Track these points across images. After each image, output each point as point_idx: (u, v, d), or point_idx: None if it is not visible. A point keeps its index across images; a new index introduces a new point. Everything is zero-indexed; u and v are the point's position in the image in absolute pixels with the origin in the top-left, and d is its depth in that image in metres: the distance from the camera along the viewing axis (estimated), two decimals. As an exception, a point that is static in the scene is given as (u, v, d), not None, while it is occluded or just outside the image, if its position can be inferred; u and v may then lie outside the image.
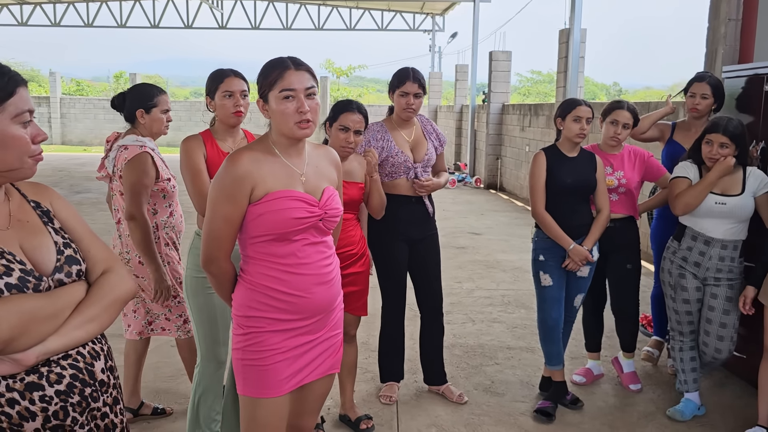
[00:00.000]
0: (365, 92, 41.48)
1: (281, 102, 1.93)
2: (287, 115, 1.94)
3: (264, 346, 2.00)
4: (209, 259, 2.01)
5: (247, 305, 2.01)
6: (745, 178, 3.27)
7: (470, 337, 4.68)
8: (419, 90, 3.27)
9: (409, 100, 3.28)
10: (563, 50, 10.44)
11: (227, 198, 1.93)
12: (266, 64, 2.00)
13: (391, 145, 3.33)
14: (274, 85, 1.94)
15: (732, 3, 5.69)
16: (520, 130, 12.50)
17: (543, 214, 3.41)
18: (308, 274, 2.02)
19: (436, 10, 22.96)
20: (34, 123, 1.55)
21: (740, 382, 3.89)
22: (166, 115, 3.29)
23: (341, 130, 2.96)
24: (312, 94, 1.96)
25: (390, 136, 3.35)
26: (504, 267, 6.74)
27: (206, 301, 2.73)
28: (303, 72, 1.96)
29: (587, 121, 3.37)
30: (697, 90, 3.82)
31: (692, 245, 3.34)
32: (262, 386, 2.02)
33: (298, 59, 2.00)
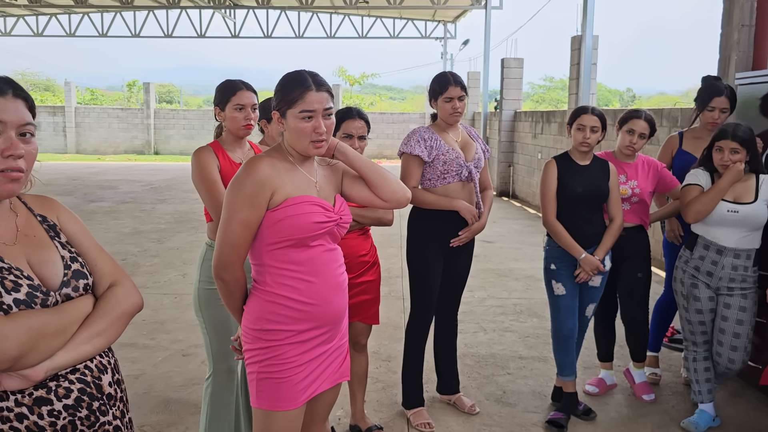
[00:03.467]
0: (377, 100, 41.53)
1: (300, 121, 1.96)
2: (304, 135, 1.97)
3: (283, 359, 2.00)
4: (223, 265, 1.98)
5: (265, 318, 2.00)
6: (758, 186, 3.23)
7: (482, 346, 4.65)
8: (462, 92, 3.27)
9: (455, 104, 3.27)
10: (575, 57, 10.41)
11: (247, 202, 1.94)
12: (287, 79, 2.01)
13: (441, 143, 3.28)
14: (294, 103, 1.96)
15: (745, 9, 5.65)
16: (533, 138, 12.46)
17: (554, 223, 3.39)
18: (325, 282, 2.04)
19: (447, 17, 23.00)
20: (9, 135, 1.43)
21: (756, 393, 3.83)
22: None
23: (345, 137, 2.99)
24: (329, 114, 1.99)
25: (438, 137, 3.31)
26: (516, 275, 6.71)
27: (220, 314, 2.73)
28: (323, 92, 1.98)
29: (592, 130, 3.33)
30: (718, 104, 3.75)
31: (705, 254, 3.30)
32: (278, 399, 2.02)
33: (318, 77, 2.00)
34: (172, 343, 4.64)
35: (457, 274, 3.50)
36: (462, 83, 3.30)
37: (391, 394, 3.82)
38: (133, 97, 32.80)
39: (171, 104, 39.60)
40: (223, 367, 2.82)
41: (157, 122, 26.01)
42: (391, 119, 25.75)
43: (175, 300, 5.69)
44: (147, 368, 4.16)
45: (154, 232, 8.96)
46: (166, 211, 10.89)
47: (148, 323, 5.01)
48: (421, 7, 20.23)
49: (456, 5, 19.56)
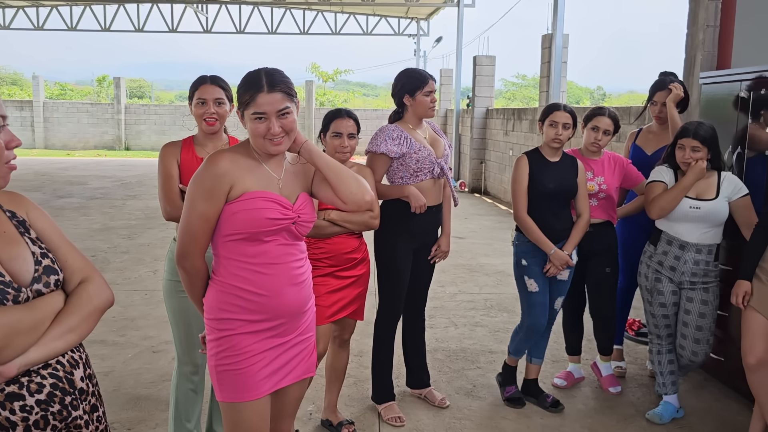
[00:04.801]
0: (351, 96, 41.47)
1: (253, 122, 1.98)
2: (258, 135, 2.00)
3: (237, 350, 2.02)
4: (183, 254, 2.03)
5: (218, 307, 2.04)
6: (719, 183, 3.32)
7: (452, 341, 4.70)
8: (435, 88, 3.37)
9: (433, 98, 3.35)
10: (546, 55, 10.53)
11: (205, 195, 1.97)
12: (243, 79, 2.02)
13: (412, 142, 3.31)
14: (247, 105, 1.98)
15: (710, 10, 5.77)
16: (504, 135, 12.57)
17: (525, 218, 3.44)
18: (278, 275, 2.05)
19: (420, 14, 23.05)
20: (7, 129, 1.53)
21: (718, 385, 3.94)
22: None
23: (335, 136, 3.04)
24: (285, 113, 1.98)
25: (408, 135, 3.34)
26: (487, 271, 6.78)
27: (180, 304, 2.78)
28: (276, 93, 1.96)
29: (564, 126, 3.39)
30: (659, 99, 3.90)
31: (668, 249, 3.38)
32: (240, 390, 2.03)
33: (275, 77, 1.98)
34: (142, 339, 4.60)
35: (425, 268, 3.53)
36: (434, 79, 3.38)
37: (362, 388, 3.85)
38: (103, 92, 32.27)
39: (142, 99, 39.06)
40: (187, 358, 2.84)
41: (128, 117, 25.64)
42: (364, 116, 25.70)
43: (146, 296, 5.64)
44: (116, 365, 4.13)
45: (124, 229, 8.86)
46: (136, 207, 10.77)
47: (118, 320, 4.96)
48: (394, 4, 20.25)
49: (429, 2, 19.61)
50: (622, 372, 4.11)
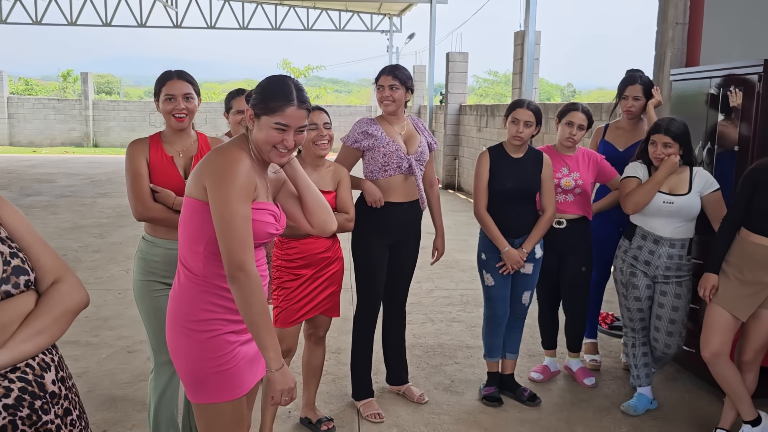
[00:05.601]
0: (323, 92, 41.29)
1: (272, 130, 1.95)
2: (270, 143, 1.96)
3: (222, 351, 1.98)
4: (240, 265, 1.87)
5: (200, 308, 1.97)
6: (691, 178, 3.38)
7: (430, 336, 4.72)
8: (394, 81, 3.28)
9: (384, 92, 3.30)
10: (518, 52, 10.60)
11: (245, 196, 1.90)
12: (273, 85, 1.98)
13: (382, 135, 3.31)
14: (273, 112, 1.94)
15: (679, 7, 5.87)
16: (477, 131, 12.64)
17: (483, 214, 3.48)
18: None
19: (393, 11, 23.03)
20: None
21: (690, 376, 4.02)
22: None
23: (311, 128, 3.01)
24: (301, 131, 1.99)
25: (380, 128, 3.34)
26: (463, 267, 6.81)
27: (153, 305, 2.73)
28: (303, 110, 1.97)
29: (525, 124, 3.40)
30: (630, 93, 3.97)
31: (642, 244, 3.43)
32: (225, 389, 2.00)
33: (303, 94, 1.98)
34: (116, 339, 4.54)
35: (404, 265, 3.53)
36: (395, 73, 3.30)
37: (341, 385, 3.85)
38: (68, 88, 31.65)
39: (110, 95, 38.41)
40: (163, 359, 2.77)
41: (97, 114, 25.19)
42: (337, 112, 25.63)
43: (119, 296, 5.56)
44: (91, 366, 4.07)
45: (95, 227, 8.72)
46: (107, 205, 10.60)
47: (91, 320, 4.88)
48: (367, 0, 20.21)
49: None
50: (597, 365, 4.17)
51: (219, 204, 1.88)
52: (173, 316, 2.02)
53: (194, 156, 2.80)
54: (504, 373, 3.74)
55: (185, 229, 2.01)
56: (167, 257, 2.71)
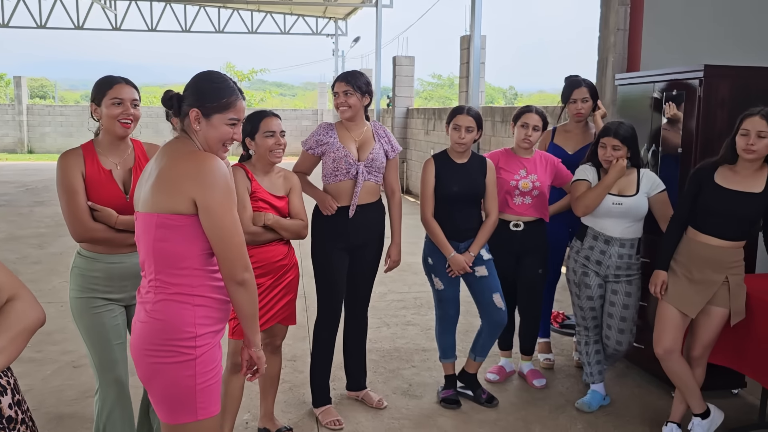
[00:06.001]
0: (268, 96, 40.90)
1: (225, 126, 1.99)
2: (223, 140, 2.01)
3: (213, 363, 1.98)
4: (246, 266, 1.95)
5: (196, 324, 1.93)
6: (639, 180, 3.47)
7: (386, 341, 4.71)
8: (347, 87, 3.30)
9: (339, 98, 3.33)
10: (465, 56, 10.74)
11: (235, 200, 1.96)
12: (213, 81, 2.02)
13: (334, 140, 3.33)
14: (225, 108, 1.99)
15: (620, 14, 6.05)
16: (425, 134, 12.73)
17: (429, 220, 3.52)
18: None
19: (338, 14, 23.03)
20: None
21: (640, 372, 4.13)
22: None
23: (268, 136, 2.97)
24: (242, 123, 2.09)
25: (335, 133, 3.36)
26: (415, 270, 6.82)
27: (94, 322, 2.60)
28: (244, 102, 2.07)
29: (467, 130, 3.45)
30: (578, 96, 4.06)
31: (594, 244, 3.51)
32: (214, 402, 2.00)
33: (239, 86, 2.07)
34: (61, 354, 4.37)
35: (363, 268, 3.52)
36: (348, 79, 3.32)
37: (299, 393, 3.80)
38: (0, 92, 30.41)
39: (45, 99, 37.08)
40: (109, 377, 2.64)
41: (31, 119, 24.27)
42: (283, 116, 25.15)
43: (62, 309, 5.35)
44: (35, 383, 3.90)
45: (33, 237, 8.38)
46: (45, 215, 10.20)
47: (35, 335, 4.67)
48: (311, 4, 20.15)
49: (347, 2, 19.63)
50: (551, 364, 4.24)
51: (218, 213, 1.88)
52: (151, 340, 1.93)
53: (132, 168, 2.64)
54: (468, 371, 3.75)
55: (163, 249, 1.92)
56: (108, 272, 2.59)
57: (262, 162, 3.02)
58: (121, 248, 2.59)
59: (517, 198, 3.70)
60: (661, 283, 3.15)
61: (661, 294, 3.16)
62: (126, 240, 2.55)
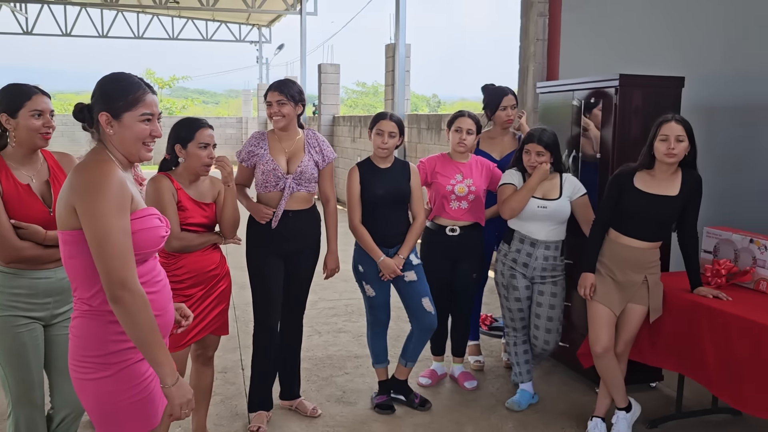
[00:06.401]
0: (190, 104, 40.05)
1: (139, 123, 1.90)
2: (141, 138, 1.92)
3: (137, 379, 1.88)
4: (122, 282, 1.75)
5: (109, 340, 1.84)
6: (561, 184, 3.61)
7: (318, 349, 4.69)
8: (281, 97, 3.27)
9: (272, 108, 3.30)
10: (390, 64, 10.86)
11: (120, 208, 1.78)
12: (121, 80, 1.93)
13: (264, 152, 3.31)
14: (135, 105, 1.89)
15: (539, 25, 6.29)
16: (352, 141, 12.78)
17: (357, 226, 3.55)
18: (163, 291, 1.98)
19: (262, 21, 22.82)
20: None
21: (566, 369, 4.28)
22: None
23: (202, 147, 2.91)
24: (160, 119, 1.99)
25: (266, 144, 3.34)
26: (345, 277, 6.77)
27: (15, 341, 2.46)
28: (155, 96, 1.99)
29: (389, 135, 3.50)
30: (507, 102, 4.22)
31: (520, 247, 3.62)
32: (150, 416, 1.91)
33: (146, 81, 1.98)
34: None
35: (299, 277, 3.50)
36: (281, 89, 3.30)
37: (230, 405, 3.73)
38: None
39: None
40: (24, 400, 2.51)
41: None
42: (207, 124, 24.94)
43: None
44: (-56, 407, 3.65)
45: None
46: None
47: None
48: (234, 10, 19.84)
49: (270, 9, 19.47)
50: (481, 366, 4.33)
51: (91, 221, 1.75)
52: (78, 355, 1.86)
53: (48, 179, 2.54)
54: (399, 378, 3.78)
55: (74, 266, 1.84)
56: (33, 288, 2.47)
57: (190, 171, 2.95)
58: (47, 263, 2.48)
59: (453, 203, 3.77)
60: (590, 285, 3.26)
61: (590, 295, 3.28)
62: (54, 255, 2.45)
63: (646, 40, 4.95)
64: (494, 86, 4.33)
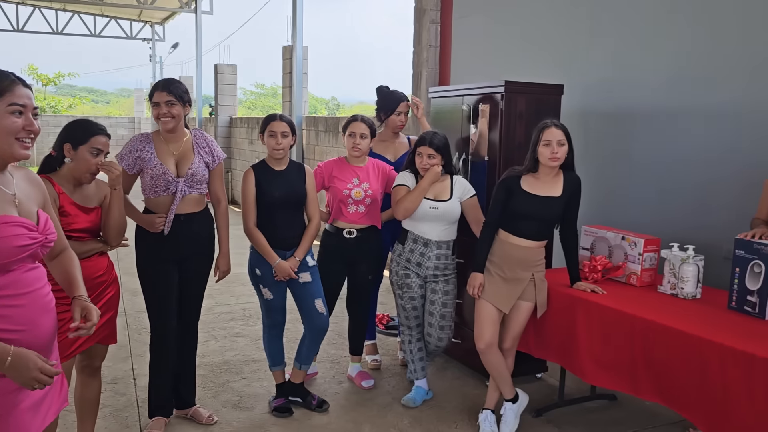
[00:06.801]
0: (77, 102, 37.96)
1: (9, 116, 1.79)
2: (12, 132, 1.80)
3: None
4: None
5: None
6: (452, 186, 3.74)
7: (214, 354, 4.61)
8: (170, 98, 3.15)
9: (161, 109, 3.16)
10: (287, 66, 10.80)
11: None
12: None
13: (151, 156, 3.17)
14: (1, 96, 1.78)
15: (431, 31, 6.47)
16: (249, 143, 12.60)
17: (252, 230, 3.54)
18: (31, 304, 1.84)
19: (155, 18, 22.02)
20: None
21: (458, 365, 4.43)
22: None
23: (94, 153, 2.78)
24: (36, 114, 1.87)
25: (152, 148, 3.20)
26: (243, 280, 6.71)
27: None
28: (29, 90, 1.86)
29: (282, 135, 3.51)
30: (403, 108, 4.33)
31: (414, 247, 3.72)
32: None
33: (17, 75, 1.85)
34: None
35: (193, 282, 3.42)
36: (170, 88, 3.18)
37: (121, 418, 3.60)
38: None
39: None
40: None
41: None
42: (95, 124, 23.77)
43: None
44: None
45: None
46: None
47: None
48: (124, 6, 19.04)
49: (164, 7, 18.83)
50: (378, 364, 4.41)
51: None
52: None
53: None
54: (294, 381, 3.78)
55: None
56: None
57: (75, 175, 2.81)
58: None
59: (351, 207, 3.81)
60: (479, 285, 3.40)
61: (479, 294, 3.42)
62: None
63: (531, 49, 5.21)
64: (389, 89, 4.41)
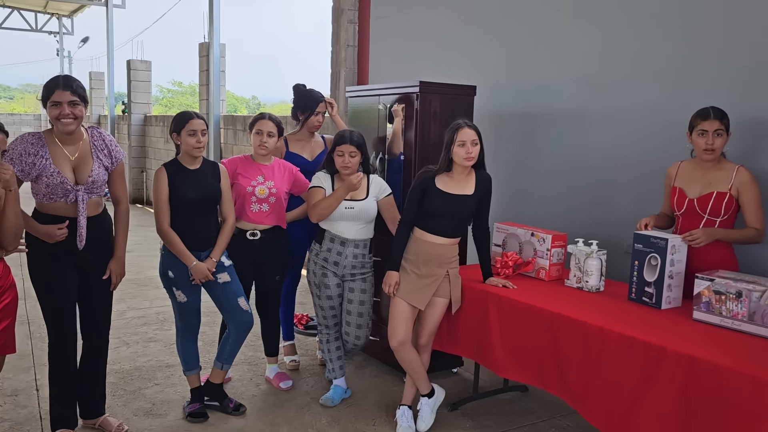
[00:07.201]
0: (-23, 98, 35.75)
1: None
2: None
3: None
4: None
5: None
6: (369, 185, 3.76)
7: (125, 361, 4.44)
8: (73, 97, 2.92)
9: (63, 109, 2.92)
10: (204, 63, 10.56)
11: None
12: None
13: (47, 162, 2.94)
14: None
15: (349, 31, 6.48)
16: (165, 142, 12.23)
17: (166, 230, 3.43)
18: None
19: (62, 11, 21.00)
20: None
21: (376, 362, 4.46)
22: None
23: None
24: None
25: (47, 152, 2.96)
26: (156, 284, 6.51)
27: None
28: None
29: (202, 133, 3.45)
30: (321, 109, 4.30)
31: (331, 247, 3.71)
32: None
33: None
34: None
35: (98, 288, 3.26)
36: (73, 87, 2.95)
37: (21, 431, 3.41)
38: None
39: None
40: None
41: None
42: None
43: None
44: None
45: None
46: None
47: None
48: (28, -3, 18.11)
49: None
50: (296, 365, 4.38)
51: None
52: None
53: None
54: (214, 381, 3.70)
55: None
56: None
57: None
58: None
59: (254, 205, 3.75)
60: (394, 283, 3.43)
61: (394, 293, 3.44)
62: None
63: (445, 51, 5.31)
64: (306, 88, 4.37)
